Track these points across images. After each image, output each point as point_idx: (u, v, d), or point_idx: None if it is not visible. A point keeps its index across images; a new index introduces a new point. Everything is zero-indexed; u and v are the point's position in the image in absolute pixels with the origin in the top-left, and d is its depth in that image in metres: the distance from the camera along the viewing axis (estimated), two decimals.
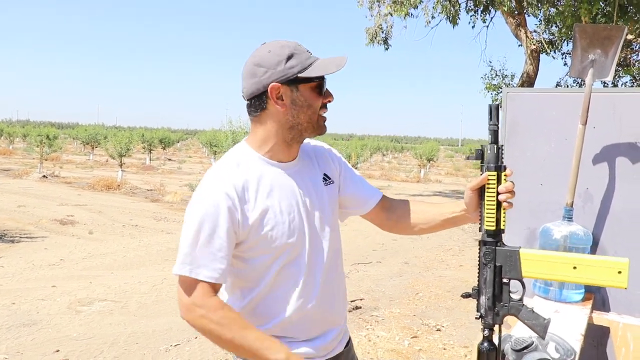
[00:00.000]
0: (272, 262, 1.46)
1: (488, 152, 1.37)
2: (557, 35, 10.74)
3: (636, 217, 2.94)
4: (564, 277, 1.28)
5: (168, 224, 10.51)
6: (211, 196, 1.39)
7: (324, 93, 1.49)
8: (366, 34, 11.90)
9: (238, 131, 14.00)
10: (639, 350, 2.61)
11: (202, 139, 38.23)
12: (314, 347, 1.54)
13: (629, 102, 2.98)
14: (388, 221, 1.71)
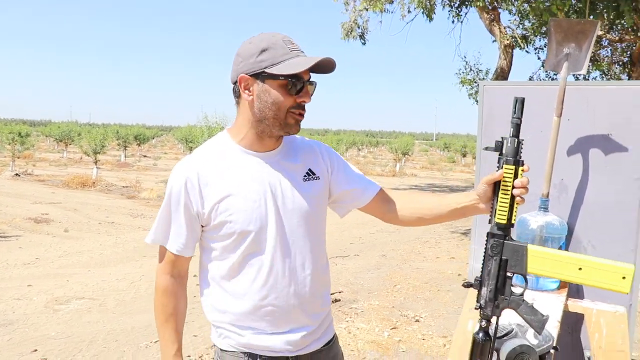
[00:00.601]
0: (233, 247, 1.50)
1: (508, 145, 1.37)
2: (530, 30, 10.88)
3: (609, 207, 3.02)
4: (569, 277, 1.29)
5: (145, 221, 10.41)
6: (174, 178, 1.52)
7: (298, 92, 1.47)
8: (342, 29, 11.90)
9: (214, 127, 13.93)
10: (612, 335, 2.68)
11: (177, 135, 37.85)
12: (282, 341, 1.55)
13: (601, 95, 3.05)
14: (389, 213, 1.70)
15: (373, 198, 1.69)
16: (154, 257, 7.42)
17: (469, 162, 39.08)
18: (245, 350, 1.55)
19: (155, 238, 1.56)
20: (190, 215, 1.50)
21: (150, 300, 5.40)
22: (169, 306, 1.57)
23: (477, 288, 1.40)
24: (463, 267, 7.52)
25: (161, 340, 1.59)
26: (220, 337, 1.58)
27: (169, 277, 1.57)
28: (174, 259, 1.56)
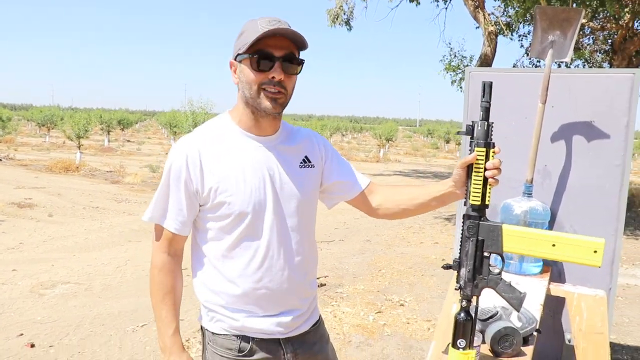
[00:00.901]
0: (230, 229, 1.52)
1: (478, 128, 1.40)
2: (514, 17, 10.93)
3: (591, 192, 3.08)
4: (543, 254, 1.33)
5: (129, 206, 10.36)
6: (175, 154, 1.51)
7: (270, 68, 1.45)
8: (328, 16, 11.89)
9: (199, 112, 13.86)
10: (592, 318, 2.74)
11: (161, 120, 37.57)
12: (274, 323, 1.59)
13: (584, 82, 3.10)
14: (372, 207, 1.73)
15: (361, 192, 1.72)
16: (139, 242, 7.43)
17: (453, 148, 39.27)
18: (237, 334, 1.57)
19: (152, 216, 1.56)
20: (190, 192, 1.51)
21: (136, 284, 5.44)
22: (166, 284, 1.57)
23: (456, 269, 1.43)
24: (447, 252, 7.61)
25: (158, 320, 1.59)
26: (212, 320, 1.61)
27: (166, 255, 1.58)
28: (171, 237, 1.57)
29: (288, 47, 1.47)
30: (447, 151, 37.60)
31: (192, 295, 1.71)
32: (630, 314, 5.22)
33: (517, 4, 9.54)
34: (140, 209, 10.06)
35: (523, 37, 13.08)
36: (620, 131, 3.06)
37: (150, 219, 1.56)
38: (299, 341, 1.65)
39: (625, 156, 3.08)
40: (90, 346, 4.04)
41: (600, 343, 2.68)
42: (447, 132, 44.79)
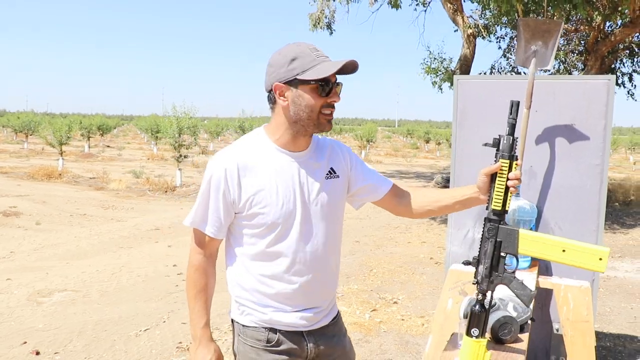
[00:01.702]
0: (263, 235, 1.69)
1: (504, 142, 1.59)
2: (492, 20, 11.21)
3: (573, 191, 3.29)
4: (554, 258, 1.51)
5: (117, 212, 10.42)
6: (215, 166, 1.68)
7: (328, 93, 1.64)
8: (309, 20, 12.05)
9: (182, 117, 13.91)
10: (578, 307, 2.93)
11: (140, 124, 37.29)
12: (299, 317, 1.75)
13: (566, 88, 3.31)
14: (399, 206, 1.92)
15: (387, 193, 1.90)
16: (130, 248, 7.52)
17: (432, 148, 39.68)
18: (266, 326, 1.74)
19: (193, 221, 1.71)
20: (227, 202, 1.67)
21: (133, 290, 5.55)
22: (200, 282, 1.74)
23: (474, 266, 1.60)
24: (434, 250, 7.82)
25: (191, 314, 1.75)
26: (242, 314, 1.77)
27: (202, 256, 1.74)
28: (208, 241, 1.73)
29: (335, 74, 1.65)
30: (427, 151, 38.00)
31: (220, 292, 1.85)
32: (612, 304, 5.48)
33: (494, 7, 9.80)
34: (127, 215, 10.13)
35: (500, 39, 13.40)
36: (598, 133, 3.28)
37: (192, 223, 1.72)
38: (320, 334, 1.82)
39: (603, 156, 3.30)
40: (96, 351, 4.14)
41: (586, 331, 2.87)
42: (427, 132, 45.17)
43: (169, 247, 7.68)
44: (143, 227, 9.02)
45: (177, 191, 13.47)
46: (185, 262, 1.81)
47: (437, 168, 23.57)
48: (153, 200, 12.26)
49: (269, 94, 1.70)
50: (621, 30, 10.72)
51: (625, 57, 13.18)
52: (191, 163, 20.04)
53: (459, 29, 11.78)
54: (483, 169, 1.67)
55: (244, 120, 23.87)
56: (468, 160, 3.59)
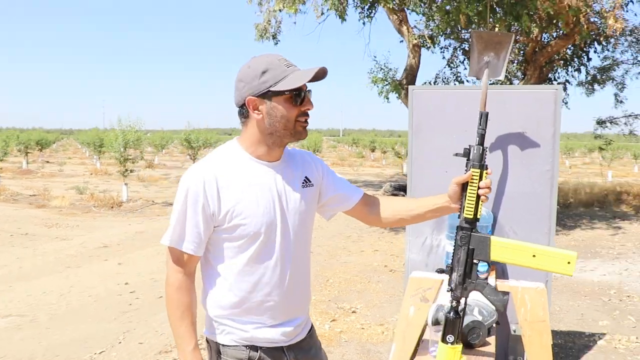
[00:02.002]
0: (244, 247, 1.66)
1: (474, 152, 1.63)
2: (436, 30, 11.48)
3: (526, 196, 3.42)
4: (525, 263, 1.56)
5: (62, 230, 10.06)
6: (192, 180, 1.64)
7: (301, 102, 1.64)
8: (255, 30, 12.03)
9: (128, 130, 13.62)
10: (535, 308, 3.02)
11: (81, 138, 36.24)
12: (280, 332, 1.74)
13: (516, 98, 3.45)
14: (370, 215, 1.93)
15: (358, 203, 1.91)
16: (78, 267, 7.27)
17: (378, 156, 40.16)
18: (247, 344, 1.71)
19: (172, 239, 1.65)
20: (206, 215, 1.63)
21: (85, 311, 5.38)
22: (183, 302, 1.67)
23: (448, 274, 1.64)
24: (387, 258, 7.92)
25: (177, 337, 1.68)
26: (222, 333, 1.72)
27: (182, 275, 1.67)
28: (188, 259, 1.67)
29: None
30: (373, 160, 38.42)
31: None
32: (560, 302, 5.69)
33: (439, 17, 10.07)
34: (73, 233, 9.81)
35: (445, 49, 13.75)
36: (548, 140, 3.42)
37: (171, 242, 1.65)
38: (299, 348, 1.81)
39: (553, 162, 3.44)
40: None
41: (543, 330, 2.96)
42: (372, 141, 45.69)
43: (119, 264, 7.46)
44: (90, 245, 8.74)
45: (124, 206, 13.14)
46: (138, 280, 1.76)
47: (384, 176, 23.87)
48: (99, 216, 11.91)
49: (241, 108, 1.68)
50: (557, 42, 11.20)
51: (560, 67, 13.75)
52: (137, 177, 19.60)
53: (404, 40, 12.02)
54: (454, 178, 1.70)
55: (190, 133, 23.55)
56: (424, 168, 3.68)
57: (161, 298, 5.85)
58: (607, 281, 6.66)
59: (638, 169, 29.97)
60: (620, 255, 8.15)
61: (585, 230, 10.28)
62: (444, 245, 3.58)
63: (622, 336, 4.73)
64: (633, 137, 16.54)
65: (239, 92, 1.66)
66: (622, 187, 15.16)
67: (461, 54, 13.94)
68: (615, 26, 8.74)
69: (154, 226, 10.50)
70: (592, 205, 13.35)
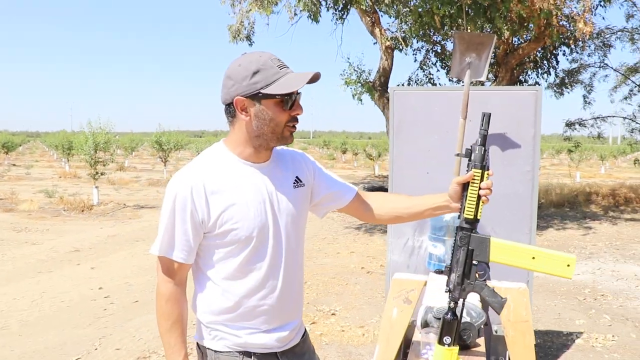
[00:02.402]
0: (237, 252, 1.61)
1: (476, 152, 1.59)
2: (409, 32, 11.55)
3: (507, 196, 3.43)
4: (524, 265, 1.54)
5: (31, 235, 9.81)
6: (179, 186, 1.57)
7: (291, 107, 1.58)
8: (229, 32, 11.92)
9: (98, 132, 13.39)
10: (517, 308, 3.02)
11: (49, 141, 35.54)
12: (274, 338, 1.69)
13: (497, 98, 3.46)
14: (365, 212, 1.89)
15: (352, 199, 1.87)
16: (50, 272, 7.10)
17: (350, 158, 40.28)
18: (240, 350, 1.66)
19: (161, 248, 1.59)
20: (196, 222, 1.56)
21: (58, 317, 5.25)
22: (173, 313, 1.61)
23: (447, 274, 1.61)
24: (364, 260, 7.91)
25: (166, 348, 1.63)
26: (214, 339, 1.67)
27: (172, 285, 1.61)
28: (178, 267, 1.61)
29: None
30: (344, 162, 38.54)
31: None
32: (537, 302, 5.75)
33: (411, 20, 10.12)
34: (43, 237, 9.58)
35: (417, 51, 13.84)
36: (528, 141, 3.45)
37: (160, 252, 1.59)
38: (292, 353, 1.76)
39: (534, 163, 3.47)
40: None
41: (526, 330, 2.97)
42: (343, 143, 45.78)
43: (92, 269, 7.31)
44: (61, 249, 8.53)
45: (95, 210, 12.89)
46: (112, 284, 1.70)
47: (356, 178, 23.91)
48: (69, 220, 11.66)
49: (228, 107, 1.61)
50: (528, 44, 11.36)
51: (530, 69, 13.97)
52: (107, 180, 19.28)
53: (377, 42, 12.06)
54: (455, 178, 1.67)
55: (160, 135, 23.27)
56: (405, 169, 3.67)
57: (137, 302, 5.75)
58: (581, 281, 6.77)
59: (605, 171, 30.65)
60: (592, 255, 8.29)
61: (558, 231, 10.45)
62: (426, 247, 3.57)
63: (599, 335, 4.80)
64: (600, 139, 16.92)
65: (227, 90, 1.58)
66: (591, 187, 15.46)
67: (433, 56, 14.06)
68: (585, 29, 8.90)
69: (126, 229, 10.31)
70: (563, 205, 13.58)
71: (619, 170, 31.99)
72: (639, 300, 5.89)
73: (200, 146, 26.03)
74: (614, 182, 19.00)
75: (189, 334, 1.68)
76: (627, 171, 30.90)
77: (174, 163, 29.01)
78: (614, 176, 26.46)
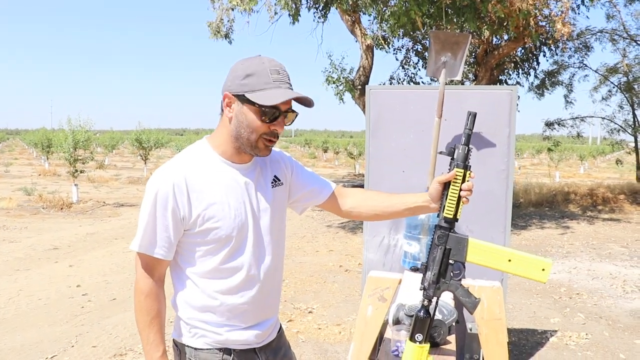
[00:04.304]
0: (216, 250, 1.62)
1: (459, 151, 1.59)
2: (389, 32, 11.57)
3: (482, 195, 3.46)
4: (500, 267, 1.55)
5: (9, 232, 9.67)
6: (160, 182, 1.57)
7: (272, 120, 1.57)
8: (209, 28, 11.84)
9: (78, 130, 13.26)
10: (491, 306, 3.07)
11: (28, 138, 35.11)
12: (253, 334, 1.70)
13: (473, 98, 3.49)
14: (343, 208, 1.89)
15: (330, 195, 1.88)
16: (28, 270, 7.02)
17: (331, 157, 40.32)
18: (220, 347, 1.67)
19: (141, 245, 1.59)
20: (177, 219, 1.57)
21: (35, 315, 5.20)
22: (152, 309, 1.62)
23: (422, 272, 1.61)
24: (342, 258, 7.93)
25: (145, 344, 1.63)
26: (194, 336, 1.67)
27: (151, 281, 1.62)
28: (158, 264, 1.62)
29: (290, 103, 1.60)
30: (326, 160, 38.56)
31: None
32: (513, 300, 5.81)
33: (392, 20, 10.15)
34: (21, 235, 9.46)
35: (398, 51, 13.90)
36: (503, 140, 3.48)
37: (140, 248, 1.59)
38: (270, 348, 1.78)
39: (508, 162, 3.50)
40: None
41: (499, 328, 3.01)
42: (325, 141, 45.80)
43: (70, 267, 7.23)
44: (40, 247, 8.44)
45: (74, 208, 12.75)
46: (90, 282, 1.70)
47: (337, 176, 23.96)
48: (48, 218, 11.52)
49: (222, 100, 1.63)
50: (507, 45, 11.46)
51: (510, 69, 14.10)
52: (87, 178, 19.09)
53: (357, 41, 12.09)
54: (437, 177, 1.66)
55: (140, 133, 23.10)
56: (382, 167, 3.68)
57: (114, 300, 5.71)
58: (557, 279, 6.85)
59: (584, 170, 31.03)
60: (569, 254, 8.41)
61: (536, 230, 10.56)
62: (402, 245, 3.59)
63: (573, 333, 4.87)
64: (580, 139, 17.14)
65: (225, 82, 1.62)
66: (570, 187, 15.63)
67: (414, 55, 14.13)
68: (563, 30, 9.00)
69: (105, 227, 10.21)
70: (542, 205, 13.73)
71: (598, 170, 32.38)
72: (613, 299, 5.98)
73: (181, 144, 25.89)
74: (592, 182, 19.23)
75: (166, 332, 1.68)
76: (605, 171, 31.30)
77: (155, 161, 28.85)
78: (593, 176, 26.80)
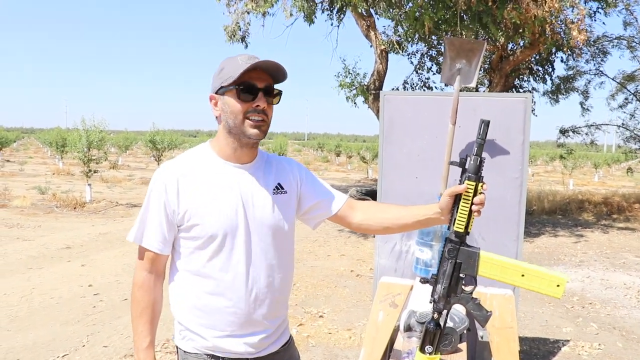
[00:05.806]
0: (201, 249, 1.64)
1: (471, 162, 1.53)
2: (404, 36, 11.57)
3: (495, 203, 3.44)
4: (512, 282, 1.51)
5: (23, 231, 9.77)
6: (155, 180, 1.65)
7: (250, 97, 1.60)
8: (225, 32, 11.91)
9: (92, 130, 13.37)
10: (503, 313, 3.05)
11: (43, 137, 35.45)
12: (243, 344, 1.68)
13: (487, 105, 3.47)
14: (356, 222, 1.85)
15: (340, 208, 1.84)
16: (41, 269, 7.08)
17: (343, 161, 40.27)
18: (208, 353, 1.67)
19: (136, 236, 1.66)
20: (168, 214, 1.62)
21: (48, 313, 5.25)
22: (144, 300, 1.67)
23: (432, 284, 1.59)
24: (354, 263, 7.92)
25: (134, 334, 1.69)
26: (184, 339, 1.69)
27: (146, 273, 1.67)
28: (153, 257, 1.67)
29: (267, 80, 1.63)
30: (338, 164, 38.50)
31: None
32: (525, 309, 5.77)
33: (407, 24, 10.14)
34: (34, 233, 9.55)
35: (412, 55, 13.88)
36: (517, 148, 3.46)
37: (135, 239, 1.66)
38: None
39: (522, 170, 3.48)
40: None
41: (511, 336, 2.99)
42: (338, 145, 45.72)
43: (83, 266, 7.29)
44: (53, 246, 8.51)
45: (87, 207, 12.86)
46: (102, 281, 1.74)
47: (349, 181, 23.94)
48: (62, 217, 11.62)
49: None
50: (522, 51, 11.40)
51: (525, 75, 14.02)
52: (100, 178, 19.24)
53: (372, 45, 12.08)
54: (447, 189, 1.60)
55: (155, 134, 23.24)
56: (395, 173, 3.68)
57: (126, 300, 5.74)
58: (570, 288, 6.79)
59: (598, 178, 30.76)
60: (582, 263, 8.33)
61: (549, 238, 10.49)
62: (414, 251, 3.58)
63: (585, 343, 4.82)
64: (594, 147, 16.99)
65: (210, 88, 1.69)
66: (584, 195, 15.52)
67: (429, 60, 14.09)
68: (579, 37, 8.94)
69: (117, 227, 10.30)
70: (555, 213, 13.64)
71: (613, 179, 32.09)
72: (626, 310, 5.92)
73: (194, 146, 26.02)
74: (607, 190, 19.07)
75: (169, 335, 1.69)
76: (620, 179, 31.01)
77: None
78: (608, 184, 26.57)
